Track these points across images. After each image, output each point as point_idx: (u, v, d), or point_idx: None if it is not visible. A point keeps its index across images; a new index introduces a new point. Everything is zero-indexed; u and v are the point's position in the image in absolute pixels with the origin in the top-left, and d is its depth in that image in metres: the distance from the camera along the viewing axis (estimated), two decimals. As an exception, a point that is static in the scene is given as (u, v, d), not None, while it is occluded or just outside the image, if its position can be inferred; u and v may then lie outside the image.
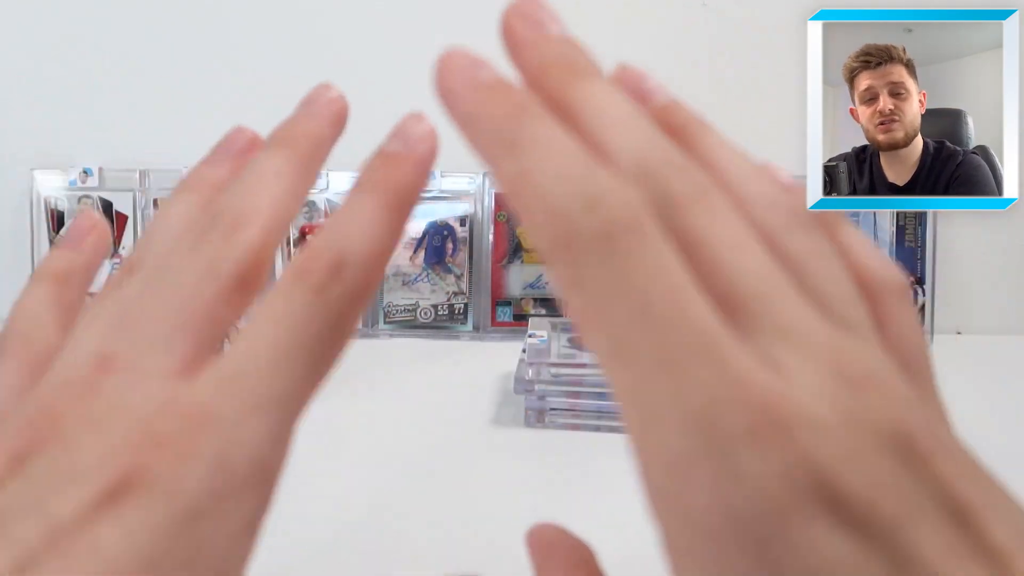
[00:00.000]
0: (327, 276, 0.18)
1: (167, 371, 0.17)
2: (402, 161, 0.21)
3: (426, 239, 0.82)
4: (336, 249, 0.19)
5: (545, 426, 0.56)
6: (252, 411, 0.17)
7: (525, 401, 0.57)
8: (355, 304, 0.19)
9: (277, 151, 0.23)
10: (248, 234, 0.19)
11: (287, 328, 0.18)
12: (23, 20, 0.85)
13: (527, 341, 0.60)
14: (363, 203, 0.20)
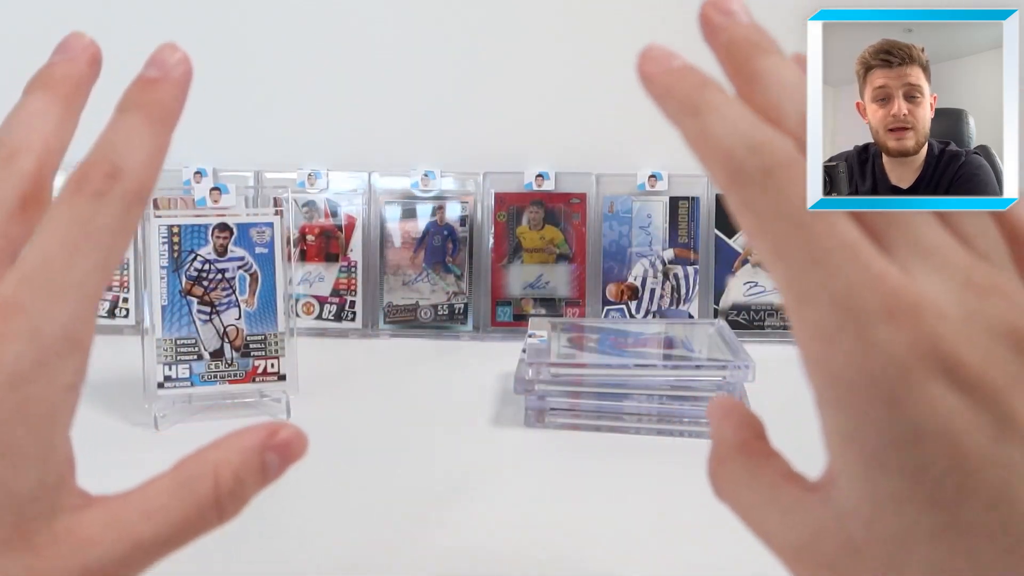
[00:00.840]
0: (104, 182, 0.23)
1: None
2: (160, 83, 0.25)
3: (426, 239, 0.82)
4: (110, 160, 0.23)
5: (545, 426, 0.56)
6: (52, 296, 0.21)
7: (525, 401, 0.57)
8: (132, 206, 0.23)
9: (40, 92, 0.27)
10: (22, 163, 0.24)
11: (73, 228, 0.22)
12: (23, 20, 0.85)
13: (527, 341, 0.60)
14: (130, 120, 0.24)
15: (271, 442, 0.26)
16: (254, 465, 0.26)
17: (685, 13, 0.90)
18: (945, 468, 0.19)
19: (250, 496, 0.26)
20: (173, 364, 0.57)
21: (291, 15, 0.84)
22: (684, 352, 0.60)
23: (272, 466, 0.26)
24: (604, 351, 0.59)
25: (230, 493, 0.25)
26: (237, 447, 0.25)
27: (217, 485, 0.24)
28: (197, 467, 0.25)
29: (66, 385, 0.22)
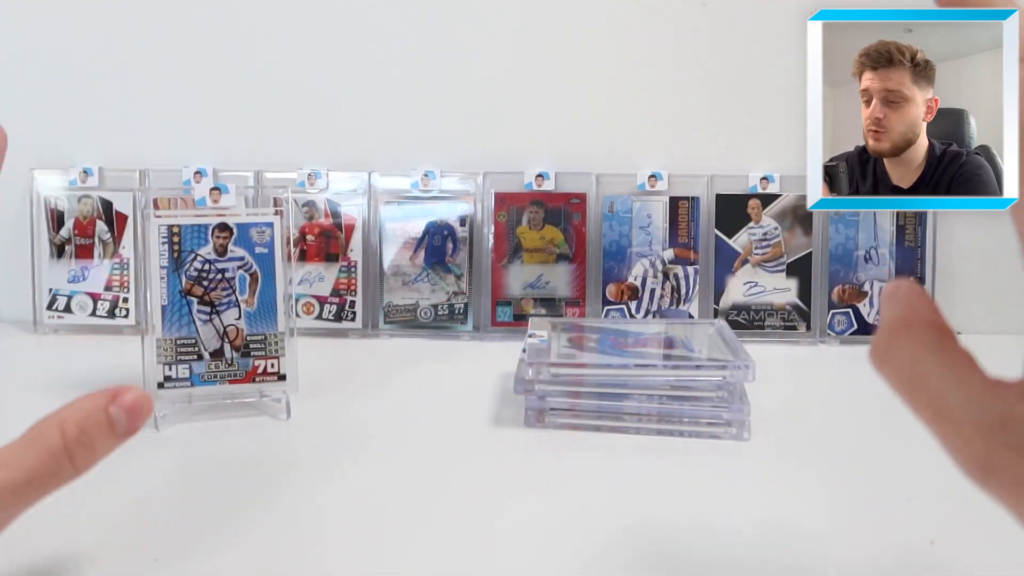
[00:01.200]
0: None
1: None
2: None
3: (426, 239, 0.82)
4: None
5: (545, 426, 0.56)
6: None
7: (525, 401, 0.57)
8: None
9: None
10: None
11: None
12: (23, 21, 0.85)
13: (527, 341, 0.60)
14: None
15: (115, 400, 0.30)
16: (99, 419, 0.30)
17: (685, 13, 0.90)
18: None
19: (102, 448, 0.30)
20: (173, 364, 0.57)
21: (291, 15, 0.84)
22: (684, 352, 0.60)
23: (119, 420, 0.30)
24: (604, 351, 0.59)
25: (77, 441, 0.29)
26: (81, 404, 0.30)
27: (63, 434, 0.29)
28: (46, 422, 0.29)
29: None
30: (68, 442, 0.29)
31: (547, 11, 0.83)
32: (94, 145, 0.86)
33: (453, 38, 0.84)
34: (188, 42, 0.85)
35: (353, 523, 0.43)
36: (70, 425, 0.29)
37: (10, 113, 0.87)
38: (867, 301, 0.80)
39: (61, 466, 0.29)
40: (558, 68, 0.84)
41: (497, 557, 0.40)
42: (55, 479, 0.29)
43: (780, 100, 0.81)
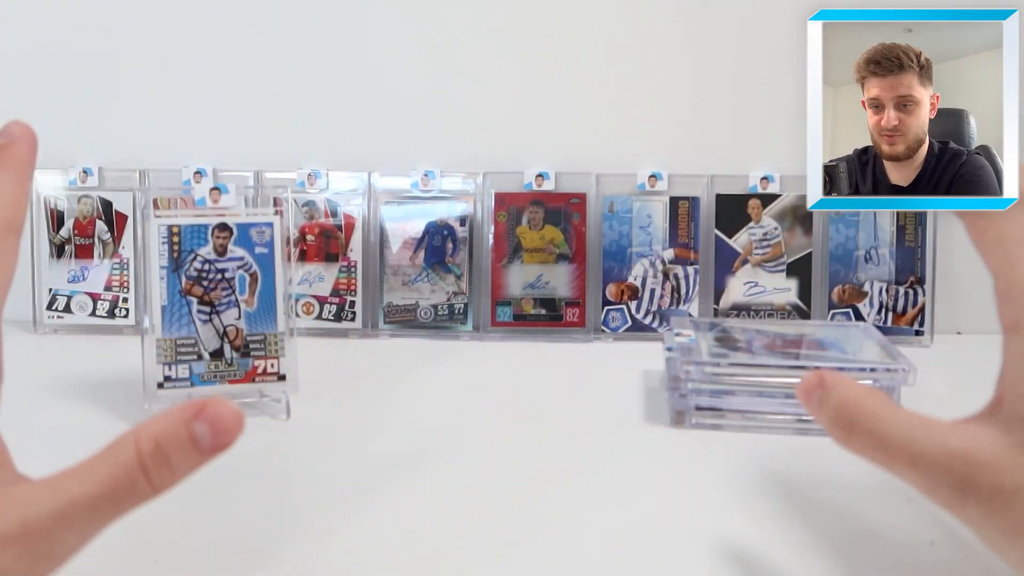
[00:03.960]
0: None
1: None
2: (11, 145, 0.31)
3: (426, 239, 0.82)
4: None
5: (687, 427, 0.56)
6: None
7: (670, 400, 0.57)
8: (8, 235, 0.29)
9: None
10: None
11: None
12: (23, 21, 0.85)
13: (675, 340, 0.59)
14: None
15: (199, 414, 0.28)
16: (179, 434, 0.28)
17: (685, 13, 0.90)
18: None
19: (182, 466, 0.28)
20: (173, 364, 0.57)
21: (291, 15, 0.84)
22: (839, 354, 0.59)
23: (203, 436, 0.28)
24: (757, 352, 0.58)
25: (152, 457, 0.27)
26: (162, 417, 0.28)
27: (139, 450, 0.27)
28: (123, 437, 0.28)
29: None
30: (143, 457, 0.27)
31: (547, 11, 0.83)
32: (94, 145, 0.86)
33: (453, 38, 0.84)
34: (188, 42, 0.85)
35: (353, 523, 0.43)
36: (146, 440, 0.27)
37: (10, 113, 0.87)
38: (867, 301, 0.80)
39: (136, 483, 0.27)
40: (558, 68, 0.84)
41: (491, 558, 0.40)
42: (130, 496, 0.27)
43: (780, 100, 0.81)
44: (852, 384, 0.32)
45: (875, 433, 0.30)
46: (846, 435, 0.31)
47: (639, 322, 0.81)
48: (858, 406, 0.31)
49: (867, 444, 0.30)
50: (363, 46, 0.84)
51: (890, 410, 0.30)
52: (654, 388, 0.65)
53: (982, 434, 0.29)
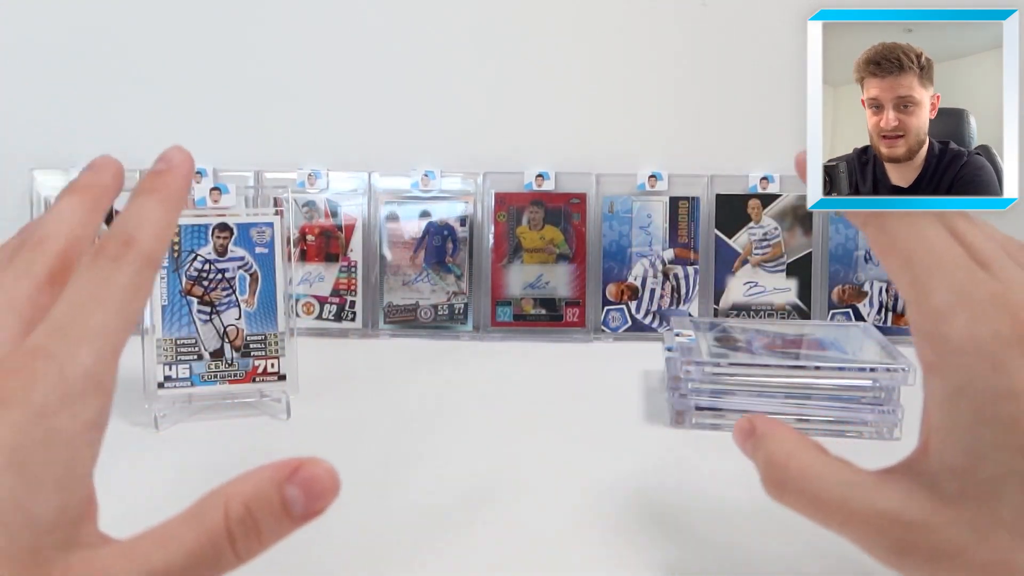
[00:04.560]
0: (119, 249, 0.26)
1: (10, 337, 0.25)
2: (169, 173, 0.29)
3: (426, 239, 0.82)
4: (125, 231, 0.27)
5: (687, 426, 0.56)
6: (76, 343, 0.24)
7: (670, 399, 0.57)
8: (144, 269, 0.26)
9: (71, 195, 0.30)
10: (51, 245, 0.27)
11: (93, 285, 0.25)
12: (24, 21, 0.85)
13: (675, 340, 0.59)
14: (143, 200, 0.28)
15: (292, 476, 0.26)
16: (270, 498, 0.25)
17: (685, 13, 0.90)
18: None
19: (270, 535, 0.25)
20: (173, 364, 0.57)
21: (291, 15, 0.84)
22: (839, 354, 0.59)
23: (295, 502, 0.25)
24: (757, 352, 0.58)
25: (240, 523, 0.24)
26: (253, 478, 0.26)
27: (227, 515, 0.24)
28: (211, 498, 0.25)
29: (88, 422, 0.24)
30: (231, 524, 0.24)
31: (547, 11, 0.83)
32: (94, 145, 0.85)
33: (453, 38, 0.84)
34: (188, 42, 0.85)
35: (352, 523, 0.43)
36: (236, 504, 0.25)
37: (10, 113, 0.87)
38: (867, 301, 0.80)
39: (221, 553, 0.24)
40: (558, 68, 0.84)
41: (484, 565, 0.40)
42: (214, 567, 0.24)
43: (780, 100, 0.81)
44: (783, 436, 0.30)
45: (806, 493, 0.29)
46: (778, 493, 0.30)
47: (639, 322, 0.81)
48: (786, 465, 0.29)
49: (799, 503, 0.29)
50: (363, 46, 0.84)
51: (821, 465, 0.29)
52: (654, 388, 0.65)
53: (912, 490, 0.27)
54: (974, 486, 0.25)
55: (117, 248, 0.26)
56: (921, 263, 0.27)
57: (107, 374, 0.25)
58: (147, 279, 0.26)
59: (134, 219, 0.27)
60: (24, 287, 0.26)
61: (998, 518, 0.25)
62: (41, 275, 0.27)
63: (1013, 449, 0.25)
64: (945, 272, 0.27)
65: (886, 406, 0.54)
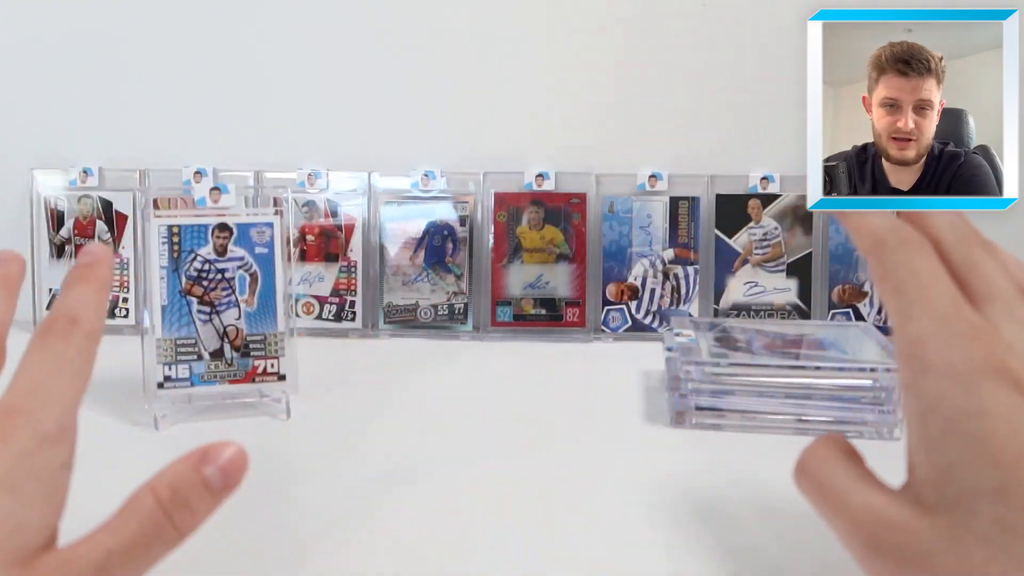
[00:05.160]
0: (67, 328, 0.31)
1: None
2: (96, 264, 0.34)
3: (426, 239, 0.82)
4: (70, 313, 0.32)
5: (687, 427, 0.56)
6: (44, 402, 0.29)
7: (670, 400, 0.57)
8: (90, 343, 0.31)
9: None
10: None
11: (49, 357, 0.30)
12: (24, 21, 0.85)
13: (675, 340, 0.59)
14: (80, 287, 0.33)
15: (204, 459, 0.31)
16: (191, 479, 0.30)
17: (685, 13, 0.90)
18: (1003, 438, 0.25)
19: (201, 508, 0.30)
20: (173, 364, 0.57)
21: (291, 15, 0.84)
22: (839, 354, 0.58)
23: (213, 479, 0.30)
24: (757, 352, 0.58)
25: (172, 503, 0.30)
26: (172, 468, 0.31)
27: (157, 498, 0.29)
28: (138, 491, 0.30)
29: (61, 461, 0.29)
30: (164, 504, 0.29)
31: (547, 11, 0.83)
32: (94, 145, 0.86)
33: (453, 38, 0.84)
34: (188, 42, 0.85)
35: (353, 523, 0.43)
36: (162, 489, 0.30)
37: (10, 113, 0.87)
38: (867, 301, 0.80)
39: (162, 529, 0.29)
40: (558, 68, 0.84)
41: (478, 564, 0.40)
42: (159, 542, 0.29)
43: (780, 100, 0.81)
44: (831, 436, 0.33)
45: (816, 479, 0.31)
46: (798, 475, 0.32)
47: (639, 322, 0.81)
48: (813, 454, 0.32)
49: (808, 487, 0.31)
50: (363, 46, 0.84)
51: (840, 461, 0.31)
52: (654, 388, 0.65)
53: (898, 495, 0.29)
54: (948, 499, 0.27)
55: (64, 326, 0.31)
56: (908, 293, 0.29)
57: (72, 427, 0.30)
58: (93, 351, 0.32)
59: (76, 302, 0.32)
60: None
61: (971, 531, 0.26)
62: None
63: (983, 465, 0.26)
64: (929, 303, 0.28)
65: (886, 406, 0.54)
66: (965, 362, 0.27)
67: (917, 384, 0.28)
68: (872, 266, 0.30)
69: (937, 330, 0.28)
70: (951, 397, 0.27)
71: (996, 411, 0.26)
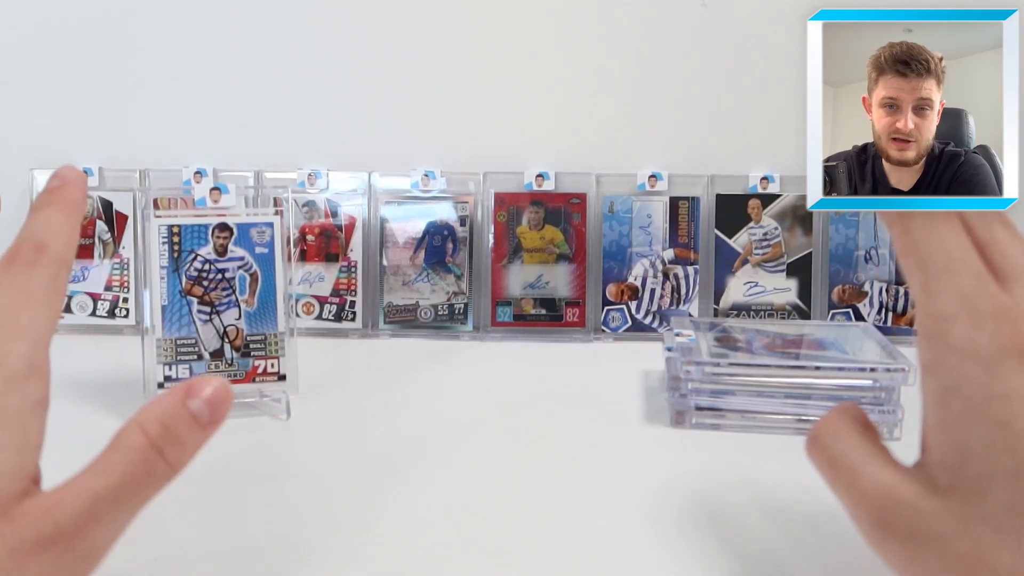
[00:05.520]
0: (33, 255, 0.29)
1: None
2: (66, 187, 0.32)
3: (426, 239, 0.82)
4: (36, 239, 0.30)
5: (687, 427, 0.56)
6: (11, 337, 0.28)
7: (670, 400, 0.56)
8: (59, 271, 0.30)
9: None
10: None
11: (15, 287, 0.29)
12: (23, 20, 0.85)
13: (675, 340, 0.59)
14: (47, 211, 0.31)
15: (190, 392, 0.29)
16: (179, 413, 0.29)
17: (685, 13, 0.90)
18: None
19: (192, 442, 0.29)
20: (173, 364, 0.57)
21: (291, 15, 0.84)
22: (838, 354, 0.58)
23: (200, 412, 0.29)
24: (757, 352, 0.58)
25: (162, 437, 0.28)
26: (158, 403, 0.29)
27: (145, 432, 0.28)
28: (125, 427, 0.29)
29: (34, 401, 0.28)
30: (153, 440, 0.28)
31: (547, 11, 0.83)
32: (94, 145, 0.86)
33: (453, 38, 0.84)
34: (188, 42, 0.85)
35: (353, 522, 0.43)
36: (151, 424, 0.28)
37: (10, 113, 0.87)
38: (867, 301, 0.80)
39: (153, 464, 0.28)
40: (559, 68, 0.84)
41: (476, 563, 0.40)
42: (151, 479, 0.28)
43: (780, 100, 0.81)
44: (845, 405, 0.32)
45: (828, 451, 0.31)
46: (810, 445, 0.32)
47: (639, 322, 0.81)
48: (826, 424, 0.31)
49: (820, 459, 0.31)
50: (363, 46, 0.84)
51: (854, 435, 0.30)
52: (654, 388, 0.65)
53: (910, 474, 0.28)
54: (963, 481, 0.26)
55: (30, 254, 0.29)
56: (934, 268, 0.28)
57: (43, 361, 0.28)
58: (63, 280, 0.30)
59: (42, 227, 0.30)
60: None
61: (983, 514, 0.25)
62: None
63: (1002, 449, 0.25)
64: (955, 279, 0.27)
65: (886, 406, 0.54)
66: (990, 343, 0.26)
67: (938, 363, 0.27)
68: (896, 238, 0.29)
69: (962, 308, 0.27)
70: (974, 378, 0.26)
71: (1020, 394, 0.25)
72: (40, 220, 0.31)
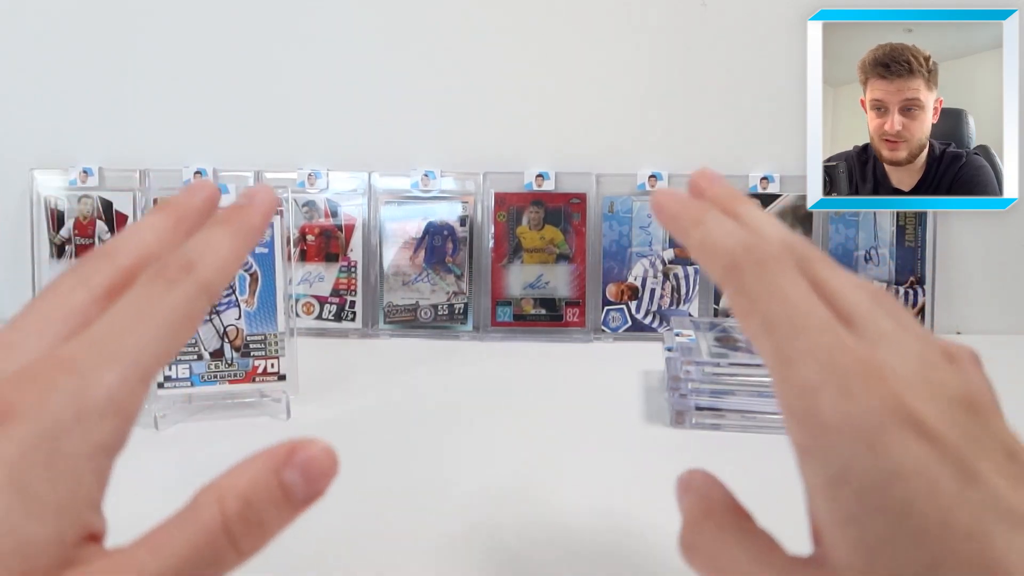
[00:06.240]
0: (177, 273, 0.25)
1: (48, 344, 0.24)
2: (248, 208, 0.28)
3: (426, 239, 0.82)
4: (188, 257, 0.25)
5: (686, 427, 0.56)
6: (105, 360, 0.23)
7: (670, 400, 0.57)
8: (198, 297, 0.25)
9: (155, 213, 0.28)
10: (120, 259, 0.26)
11: (140, 304, 0.24)
12: (24, 21, 0.85)
13: (675, 340, 0.59)
14: (215, 230, 0.27)
15: (289, 460, 0.24)
16: (268, 486, 0.24)
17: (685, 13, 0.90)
18: (925, 504, 0.21)
19: (271, 523, 0.24)
20: (173, 364, 0.57)
21: (291, 16, 0.84)
22: None
23: (295, 486, 0.24)
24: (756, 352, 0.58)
25: (240, 519, 0.23)
26: (248, 470, 0.24)
27: (223, 509, 0.23)
28: (204, 495, 0.23)
29: (99, 444, 0.22)
30: (228, 520, 0.23)
31: (547, 11, 0.83)
32: (94, 145, 0.86)
33: (453, 38, 0.84)
34: (188, 42, 0.85)
35: (352, 523, 0.43)
36: (231, 499, 0.23)
37: (10, 113, 0.87)
38: (867, 301, 0.80)
39: (220, 552, 0.23)
40: (559, 68, 0.84)
41: (471, 565, 0.40)
42: (212, 568, 0.23)
43: (780, 100, 0.81)
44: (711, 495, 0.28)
45: (715, 562, 0.27)
46: (688, 556, 0.27)
47: (639, 322, 0.81)
48: (702, 528, 0.27)
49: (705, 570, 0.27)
50: (363, 46, 0.84)
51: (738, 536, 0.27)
52: (654, 388, 0.65)
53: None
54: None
55: (176, 271, 0.25)
56: (782, 328, 0.24)
57: (131, 398, 0.23)
58: (199, 308, 0.25)
59: (201, 246, 0.26)
60: (79, 296, 0.25)
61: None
62: (100, 287, 0.25)
63: (909, 538, 0.21)
64: (809, 338, 0.23)
65: None
66: (865, 412, 0.22)
67: (816, 448, 0.23)
68: (731, 299, 0.25)
69: (825, 375, 0.23)
70: (858, 459, 0.22)
71: (909, 469, 0.21)
72: (203, 238, 0.26)
